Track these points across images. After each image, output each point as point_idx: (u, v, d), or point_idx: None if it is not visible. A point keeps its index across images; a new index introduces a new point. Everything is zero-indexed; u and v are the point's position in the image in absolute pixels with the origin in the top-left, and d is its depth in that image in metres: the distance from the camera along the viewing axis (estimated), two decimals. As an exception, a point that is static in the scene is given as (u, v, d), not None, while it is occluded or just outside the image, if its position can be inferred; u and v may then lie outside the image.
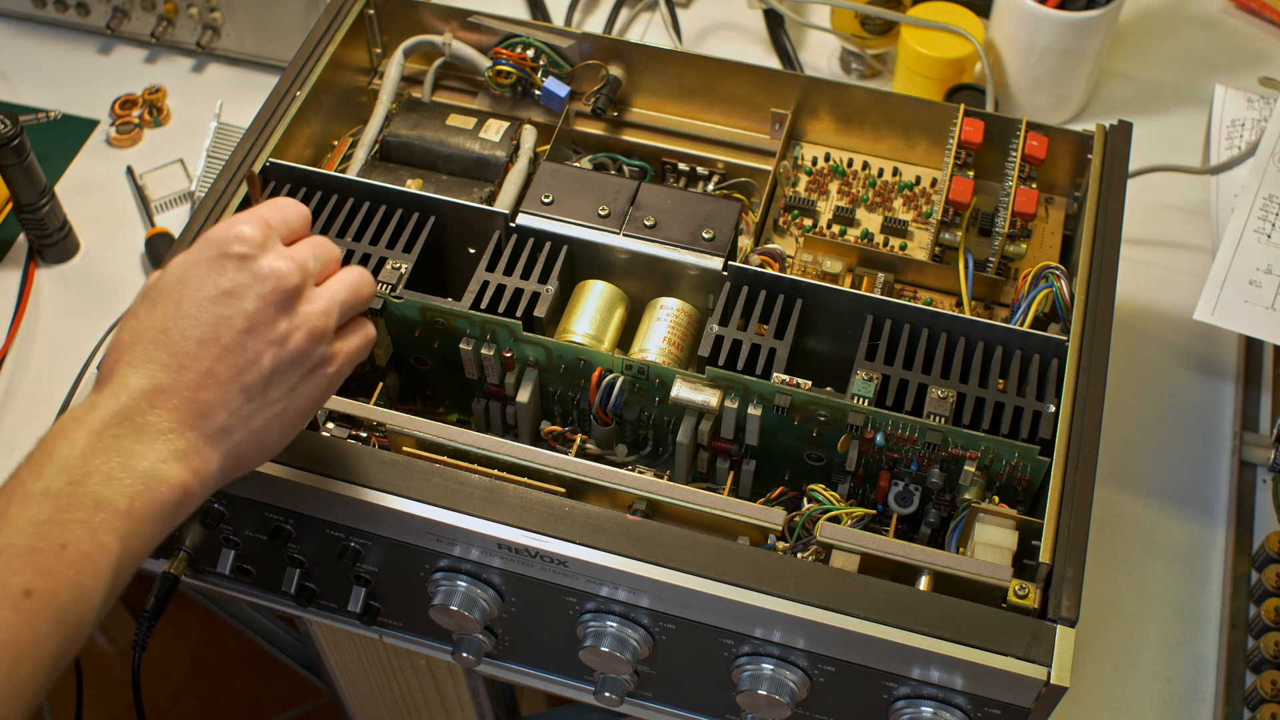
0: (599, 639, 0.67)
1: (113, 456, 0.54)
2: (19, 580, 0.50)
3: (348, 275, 0.63)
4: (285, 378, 0.58)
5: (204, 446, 0.56)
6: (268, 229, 0.59)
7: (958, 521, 0.68)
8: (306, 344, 0.59)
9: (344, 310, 0.61)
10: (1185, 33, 1.15)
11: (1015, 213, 0.79)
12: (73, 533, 0.51)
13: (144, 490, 0.54)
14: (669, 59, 0.88)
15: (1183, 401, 0.91)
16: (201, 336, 0.56)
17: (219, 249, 0.58)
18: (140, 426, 0.55)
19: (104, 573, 0.52)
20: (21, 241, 1.00)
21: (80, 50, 1.14)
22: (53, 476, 0.52)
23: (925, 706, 0.64)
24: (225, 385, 0.57)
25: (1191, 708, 0.78)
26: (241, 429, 0.57)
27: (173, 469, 0.55)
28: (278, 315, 0.58)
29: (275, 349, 0.58)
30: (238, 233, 0.58)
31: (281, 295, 0.58)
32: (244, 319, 0.57)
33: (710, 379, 0.71)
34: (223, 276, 0.57)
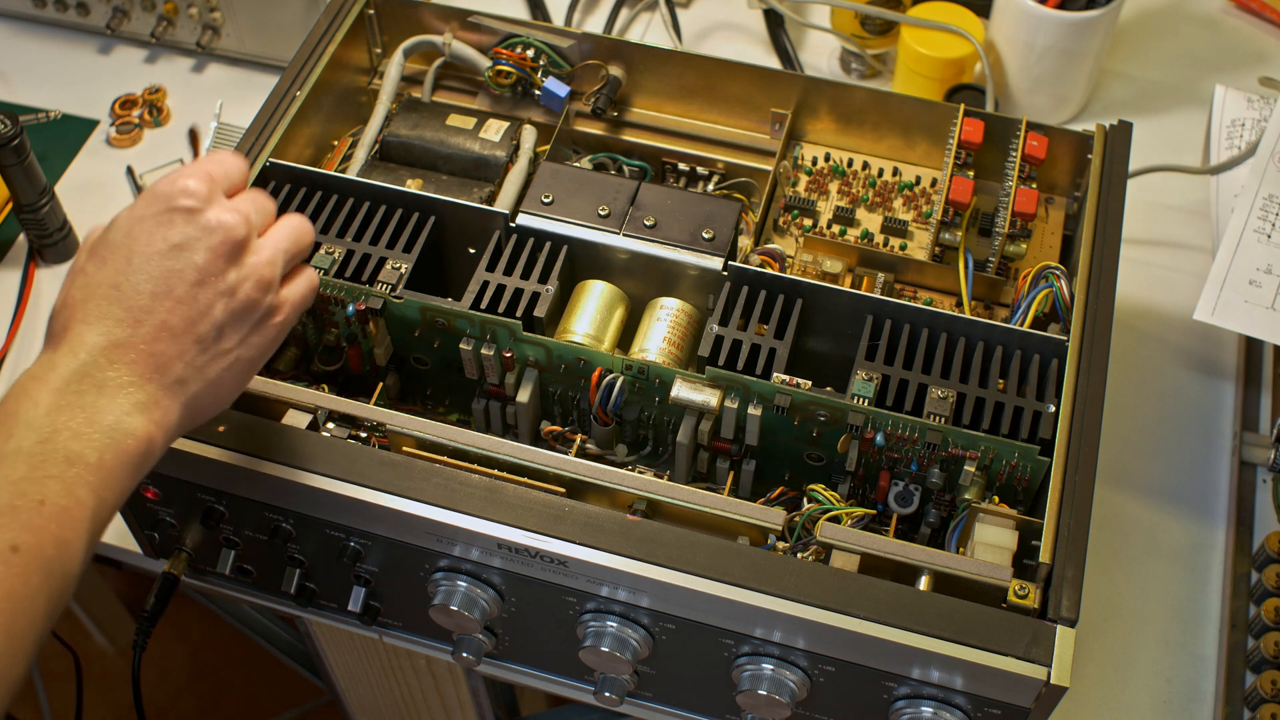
0: (599, 639, 0.67)
1: (78, 413, 0.55)
2: (5, 536, 0.51)
3: (287, 224, 0.64)
4: (237, 327, 0.60)
5: (164, 398, 0.58)
6: (212, 182, 0.60)
7: (958, 521, 0.68)
8: (255, 293, 0.60)
9: (288, 259, 0.63)
10: (1185, 33, 1.15)
11: (1015, 213, 0.79)
12: (49, 489, 0.53)
13: (112, 444, 0.55)
14: (669, 59, 0.88)
15: (1183, 401, 0.91)
16: (154, 290, 0.58)
17: (165, 203, 0.59)
18: (101, 382, 0.56)
19: (82, 525, 0.54)
20: (21, 241, 1.00)
21: (80, 50, 1.14)
22: (22, 436, 0.54)
23: (925, 706, 0.64)
24: (180, 337, 0.58)
25: (1191, 708, 0.78)
26: (198, 379, 0.59)
27: (137, 421, 0.56)
28: (227, 266, 0.59)
29: (226, 299, 0.59)
30: (183, 186, 0.59)
31: (229, 247, 0.59)
32: (195, 271, 0.58)
33: (710, 379, 0.71)
34: (171, 230, 0.59)
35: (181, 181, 0.60)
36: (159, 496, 0.73)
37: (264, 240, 0.62)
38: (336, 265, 0.75)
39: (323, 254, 0.75)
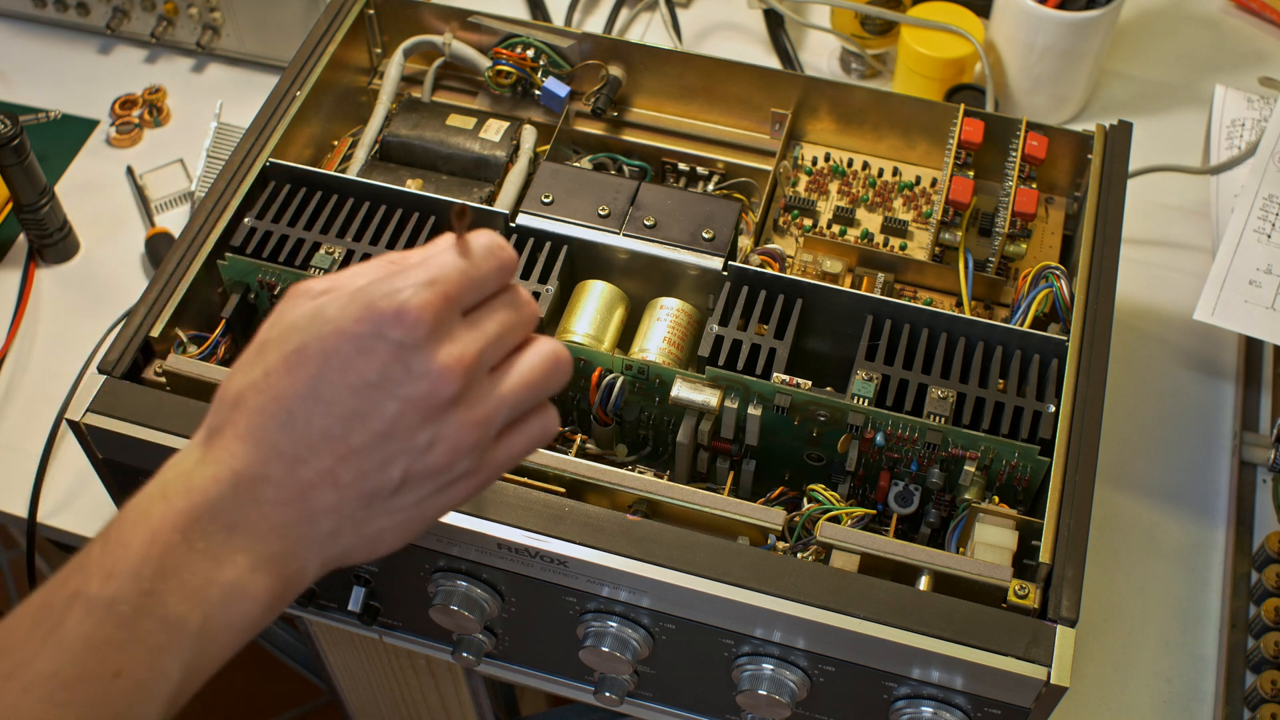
0: (599, 639, 0.67)
1: (196, 562, 0.46)
2: (59, 715, 0.44)
3: (530, 366, 0.51)
4: (416, 488, 0.50)
5: (302, 550, 0.48)
6: (443, 307, 0.48)
7: (958, 521, 0.68)
8: (449, 459, 0.49)
9: (513, 412, 0.51)
10: (1185, 33, 1.15)
11: (1015, 213, 0.79)
12: (130, 658, 0.45)
13: (222, 605, 0.47)
14: (669, 59, 0.88)
15: (1183, 401, 0.91)
16: (329, 430, 0.48)
17: (375, 325, 0.47)
18: (234, 524, 0.47)
19: (158, 701, 0.46)
20: (21, 241, 1.00)
21: (80, 50, 1.14)
22: (122, 583, 0.45)
23: (925, 706, 0.64)
24: (343, 490, 0.48)
25: (1191, 708, 0.78)
26: (351, 534, 0.49)
27: (260, 581, 0.47)
28: (423, 423, 0.48)
29: (409, 459, 0.48)
30: (401, 310, 0.47)
31: (432, 404, 0.48)
32: (383, 421, 0.48)
33: (710, 379, 0.71)
34: (369, 363, 0.47)
35: (405, 297, 0.47)
36: (159, 496, 0.73)
37: (490, 385, 0.50)
38: (337, 265, 0.75)
39: (323, 254, 0.75)
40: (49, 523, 0.85)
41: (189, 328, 0.74)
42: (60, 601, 0.46)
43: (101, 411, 0.68)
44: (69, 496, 0.86)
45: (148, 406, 0.69)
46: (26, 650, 0.45)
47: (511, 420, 0.52)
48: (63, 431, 0.88)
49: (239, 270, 0.76)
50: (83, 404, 0.69)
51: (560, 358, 0.52)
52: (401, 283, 0.48)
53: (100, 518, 0.85)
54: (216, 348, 0.74)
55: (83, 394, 0.69)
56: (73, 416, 0.68)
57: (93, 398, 0.69)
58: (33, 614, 0.46)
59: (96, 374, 0.70)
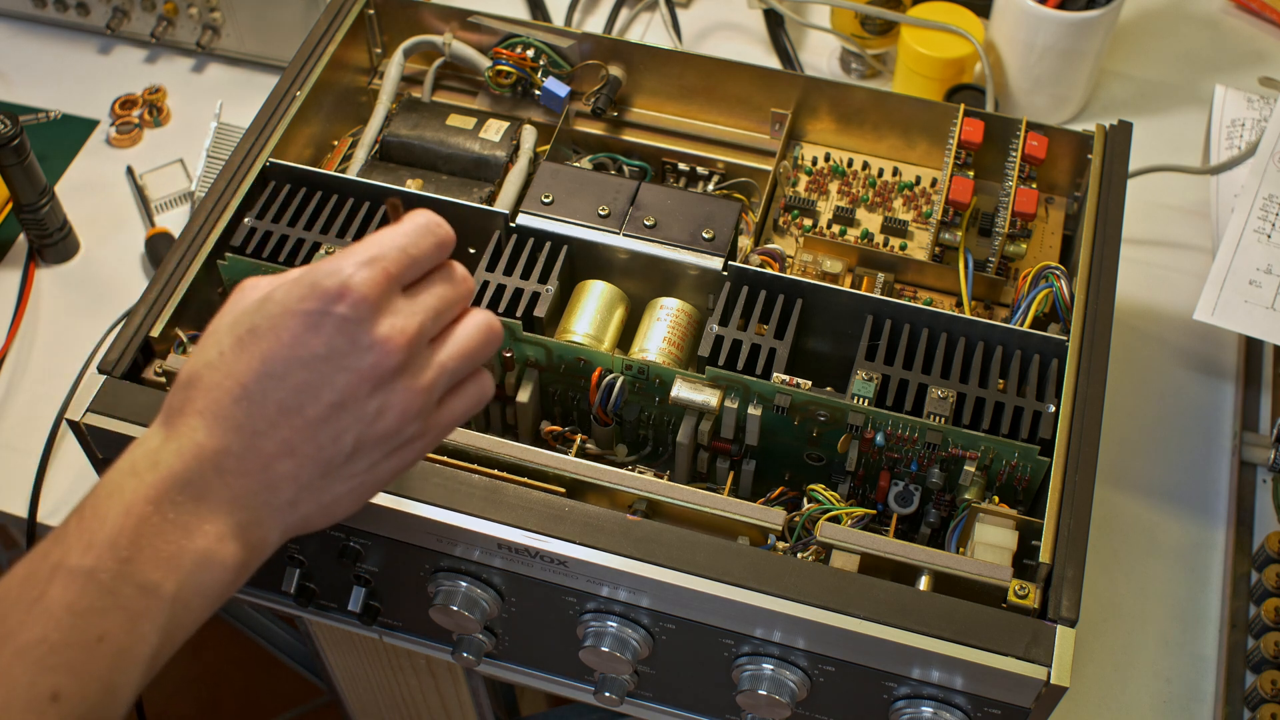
0: (599, 639, 0.67)
1: (168, 531, 0.49)
2: (48, 680, 0.46)
3: (467, 335, 0.55)
4: (368, 454, 0.53)
5: (267, 518, 0.52)
6: (384, 283, 0.52)
7: (958, 521, 0.68)
8: (397, 423, 0.53)
9: (453, 379, 0.55)
10: (1185, 33, 1.15)
11: (1015, 213, 0.79)
12: (112, 623, 0.47)
13: (194, 571, 0.49)
14: (669, 59, 0.88)
15: (1183, 401, 0.91)
16: (284, 402, 0.51)
17: (321, 302, 0.51)
18: (201, 494, 0.50)
19: (138, 665, 0.48)
20: (21, 241, 1.00)
21: (80, 50, 1.14)
22: (100, 554, 0.48)
23: (925, 706, 0.64)
24: (301, 459, 0.51)
25: (1191, 708, 0.78)
26: (310, 501, 0.53)
27: (228, 547, 0.50)
28: (372, 392, 0.52)
29: (361, 426, 0.52)
30: (345, 286, 0.51)
31: (379, 374, 0.51)
32: (334, 392, 0.51)
33: (710, 379, 0.71)
34: (317, 336, 0.51)
35: (349, 275, 0.51)
36: (159, 496, 0.73)
37: (430, 355, 0.54)
38: (336, 265, 0.75)
39: (322, 254, 0.75)
40: (49, 523, 0.85)
41: (189, 328, 0.74)
42: (43, 572, 0.48)
43: (101, 411, 0.68)
44: (69, 496, 0.86)
45: (148, 406, 0.69)
46: (14, 619, 0.47)
47: (451, 385, 0.55)
48: (63, 431, 0.88)
49: (239, 270, 0.76)
50: (83, 404, 0.69)
51: (492, 327, 0.56)
52: (343, 262, 0.52)
53: (100, 518, 0.85)
54: (216, 348, 0.74)
55: (83, 394, 0.69)
56: (73, 416, 0.68)
57: (93, 398, 0.69)
58: (18, 585, 0.48)
59: (96, 374, 0.70)
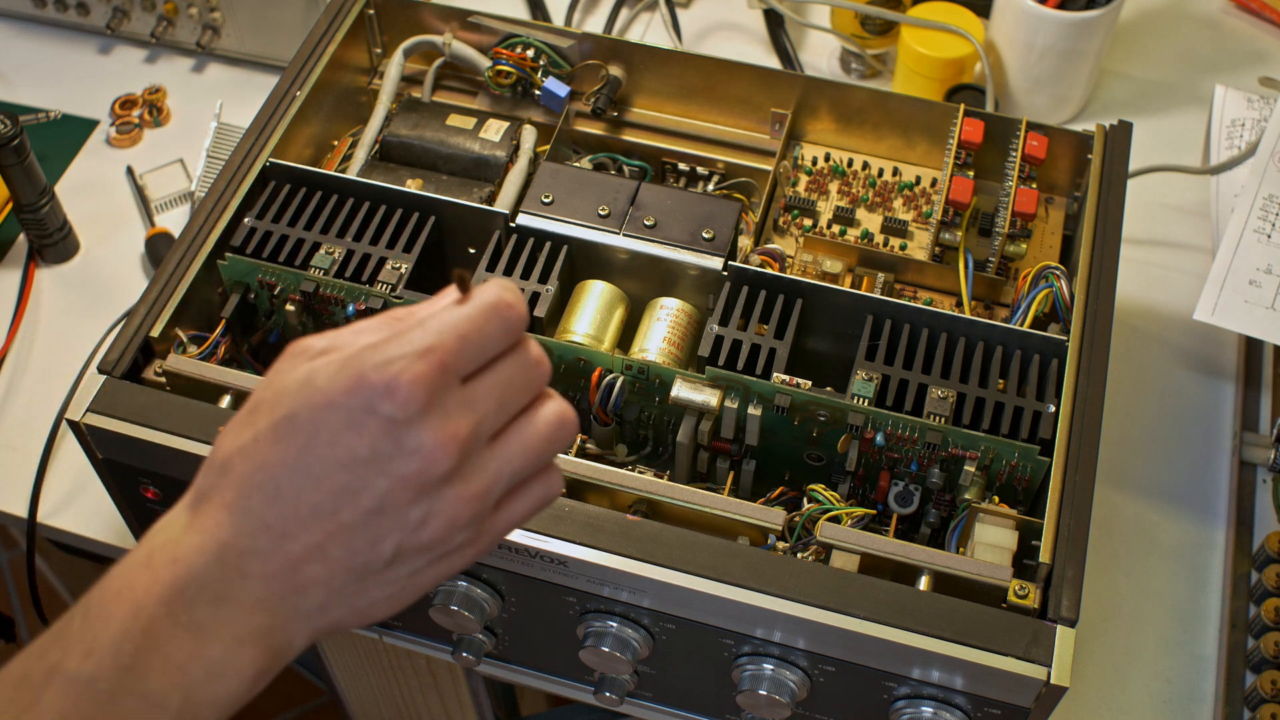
0: (599, 639, 0.67)
1: (179, 637, 0.45)
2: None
3: (534, 432, 0.49)
4: (409, 562, 0.47)
5: (290, 623, 0.47)
6: (437, 379, 0.45)
7: (958, 521, 0.68)
8: (443, 532, 0.47)
9: (514, 480, 0.49)
10: (1185, 33, 1.15)
11: (1015, 213, 0.79)
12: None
13: (205, 681, 0.45)
14: (669, 59, 0.88)
15: (1183, 401, 0.91)
16: (318, 505, 0.46)
17: (366, 398, 0.45)
18: (220, 596, 0.45)
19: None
20: (21, 241, 1.00)
21: (80, 50, 1.14)
22: (101, 658, 0.44)
23: (925, 706, 0.64)
24: (333, 564, 0.46)
25: (1191, 708, 0.78)
26: (341, 606, 0.47)
27: (245, 655, 0.46)
28: (415, 500, 0.46)
29: (401, 535, 0.46)
30: (392, 384, 0.45)
31: (424, 481, 0.46)
32: (373, 498, 0.46)
33: (710, 379, 0.71)
34: (360, 438, 0.45)
35: (397, 371, 0.45)
36: (159, 496, 0.73)
37: (489, 456, 0.48)
38: (336, 265, 0.75)
39: (323, 254, 0.75)
40: (49, 523, 0.85)
41: (189, 328, 0.74)
42: (38, 675, 0.45)
43: (101, 411, 0.68)
44: (69, 496, 0.86)
45: (148, 406, 0.69)
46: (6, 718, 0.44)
47: (513, 486, 0.49)
48: (63, 431, 0.88)
49: (239, 270, 0.76)
50: (83, 404, 0.69)
51: (566, 420, 0.50)
52: (395, 351, 0.46)
53: (100, 518, 0.85)
54: (216, 348, 0.74)
55: (83, 394, 0.69)
56: (73, 416, 0.68)
57: (93, 398, 0.69)
58: (10, 687, 0.45)
59: (96, 374, 0.70)
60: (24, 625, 1.59)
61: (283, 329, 0.78)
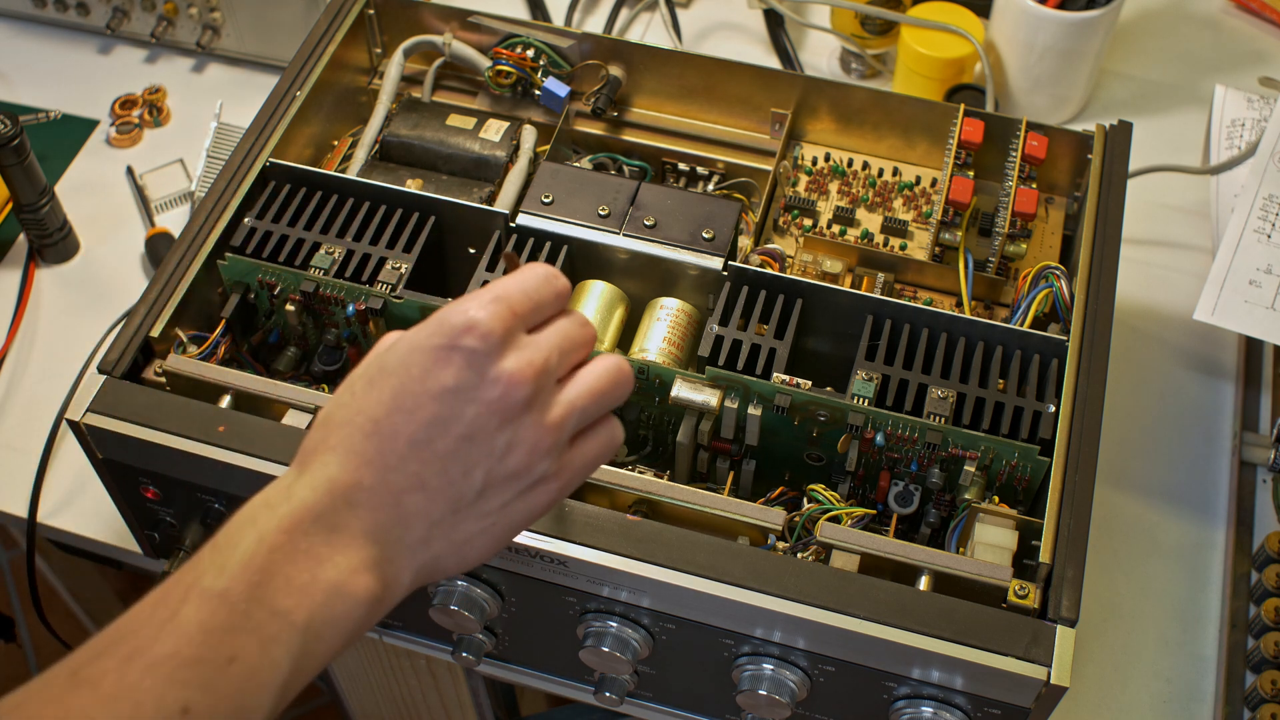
0: (599, 639, 0.67)
1: (299, 559, 0.49)
2: (178, 695, 0.46)
3: (595, 374, 0.55)
4: (500, 493, 0.53)
5: (399, 556, 0.52)
6: (509, 319, 0.52)
7: (958, 521, 0.68)
8: (527, 460, 0.53)
9: (583, 418, 0.55)
10: (1185, 33, 1.15)
11: (1015, 213, 0.79)
12: (242, 645, 0.48)
13: (325, 602, 0.49)
14: (669, 59, 0.88)
15: (1183, 401, 0.91)
16: (414, 436, 0.51)
17: (449, 337, 0.51)
18: (333, 526, 0.50)
19: (269, 690, 0.48)
20: (21, 241, 1.00)
21: (80, 50, 1.14)
22: (233, 576, 0.48)
23: (925, 706, 0.64)
24: (432, 494, 0.51)
25: (1191, 708, 0.78)
26: (442, 540, 0.52)
27: (360, 580, 0.50)
28: (501, 426, 0.52)
29: (490, 461, 0.52)
30: (471, 320, 0.51)
31: (507, 406, 0.52)
32: (462, 425, 0.51)
33: (710, 379, 0.71)
34: (446, 371, 0.51)
35: (473, 312, 0.52)
36: (159, 496, 0.73)
37: (561, 395, 0.54)
38: (336, 265, 0.75)
39: (323, 254, 0.75)
40: (49, 523, 0.85)
41: (189, 328, 0.74)
42: (176, 594, 0.48)
43: (101, 411, 0.68)
44: (69, 496, 0.86)
45: (148, 406, 0.69)
46: (146, 634, 0.47)
47: (581, 428, 0.55)
48: (63, 431, 0.88)
49: (239, 270, 0.76)
50: (83, 404, 0.69)
51: (623, 369, 0.56)
52: (469, 302, 0.52)
53: (100, 518, 0.85)
54: (216, 348, 0.74)
55: (83, 394, 0.69)
56: (73, 416, 0.68)
57: (93, 398, 0.69)
58: (151, 606, 0.49)
59: (96, 374, 0.70)
60: (24, 625, 1.59)
61: (283, 329, 0.78)
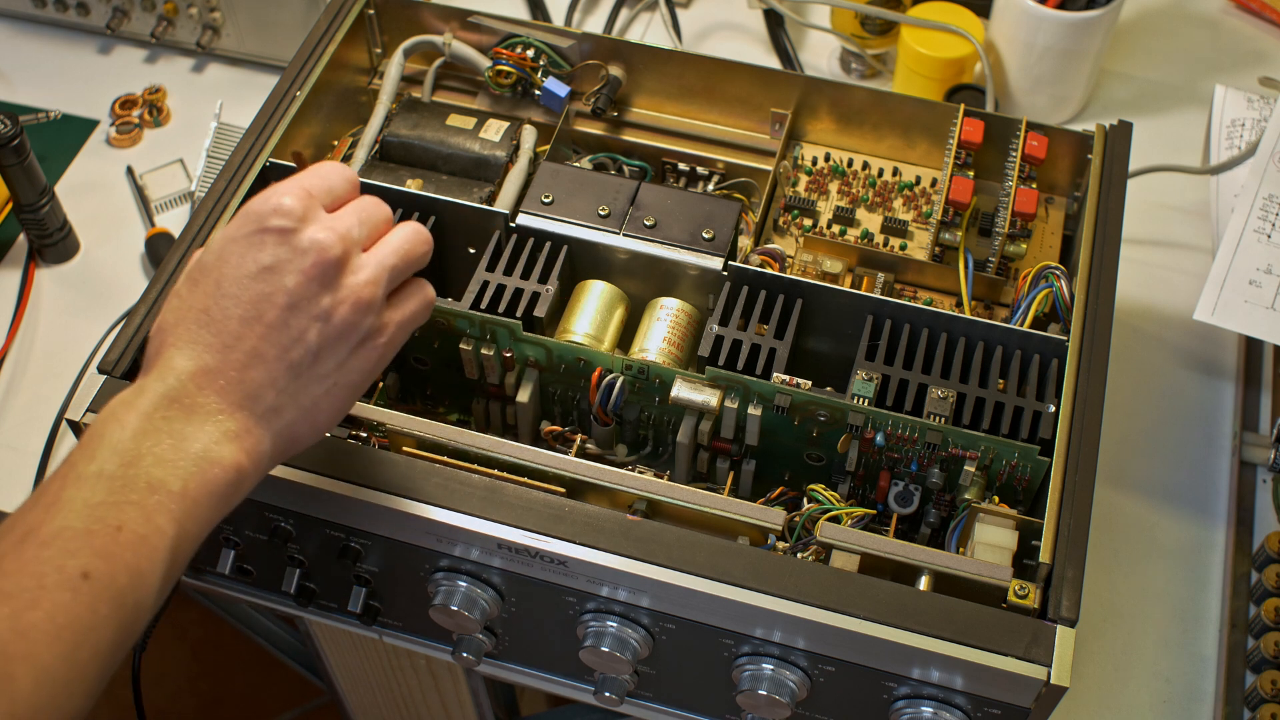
0: (599, 639, 0.67)
1: (164, 438, 0.53)
2: (76, 562, 0.49)
3: (398, 237, 0.61)
4: (333, 352, 0.57)
5: (255, 426, 0.56)
6: (308, 199, 0.58)
7: (958, 521, 0.68)
8: (352, 316, 0.58)
9: (394, 276, 0.60)
10: (1185, 33, 1.15)
11: (1015, 213, 0.79)
12: (128, 515, 0.51)
13: (197, 472, 0.53)
14: (669, 59, 0.88)
15: (1183, 401, 0.91)
16: (244, 315, 0.56)
17: (257, 223, 0.57)
18: (189, 408, 0.54)
19: (160, 555, 0.51)
20: (21, 241, 1.00)
21: (80, 50, 1.14)
22: (105, 459, 0.52)
23: (925, 706, 0.64)
24: (272, 364, 0.56)
25: (1191, 708, 0.78)
26: (292, 406, 0.57)
27: (225, 450, 0.54)
28: (321, 290, 0.57)
29: (319, 324, 0.57)
30: (276, 204, 0.57)
31: (323, 269, 0.57)
32: (286, 295, 0.56)
33: (710, 379, 0.71)
34: (262, 252, 0.56)
35: (275, 199, 0.57)
36: (159, 496, 0.73)
37: (368, 257, 0.59)
38: (336, 265, 0.75)
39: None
40: (49, 523, 0.85)
41: (189, 328, 0.74)
42: (55, 484, 0.52)
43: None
44: (69, 496, 0.86)
45: (148, 406, 0.69)
46: (34, 518, 0.51)
47: (395, 288, 0.61)
48: (63, 431, 0.88)
49: (239, 270, 0.76)
50: (83, 404, 0.69)
51: (420, 231, 0.62)
52: (268, 192, 0.58)
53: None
54: (216, 348, 0.74)
55: (83, 394, 0.69)
56: (73, 416, 0.68)
57: (93, 398, 0.69)
58: (34, 499, 0.52)
59: (96, 374, 0.70)
60: (24, 625, 1.59)
61: (283, 329, 0.78)
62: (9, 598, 0.48)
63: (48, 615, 0.48)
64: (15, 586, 0.48)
